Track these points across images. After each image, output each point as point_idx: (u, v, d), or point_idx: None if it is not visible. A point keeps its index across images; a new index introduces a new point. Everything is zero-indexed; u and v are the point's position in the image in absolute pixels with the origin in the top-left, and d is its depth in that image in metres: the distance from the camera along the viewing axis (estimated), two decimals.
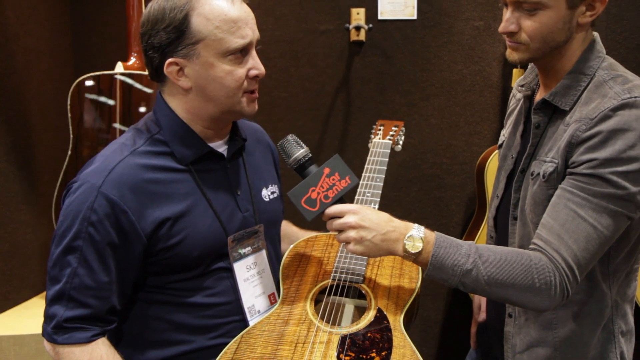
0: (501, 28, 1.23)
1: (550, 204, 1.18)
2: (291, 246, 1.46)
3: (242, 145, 1.37)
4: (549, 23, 1.18)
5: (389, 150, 1.57)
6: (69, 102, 2.03)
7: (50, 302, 1.19)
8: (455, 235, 2.60)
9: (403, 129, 1.68)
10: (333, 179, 1.20)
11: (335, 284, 1.35)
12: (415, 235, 1.18)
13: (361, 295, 1.35)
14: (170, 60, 1.20)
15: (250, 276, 1.33)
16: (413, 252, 1.17)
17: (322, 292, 1.35)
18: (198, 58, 1.19)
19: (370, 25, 2.45)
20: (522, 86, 1.40)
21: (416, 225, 1.21)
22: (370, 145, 1.62)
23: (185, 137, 1.26)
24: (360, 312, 1.33)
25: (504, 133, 1.48)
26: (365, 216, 1.19)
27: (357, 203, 1.40)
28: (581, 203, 1.13)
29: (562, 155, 1.18)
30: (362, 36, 2.46)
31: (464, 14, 2.49)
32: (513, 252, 1.19)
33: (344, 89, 2.56)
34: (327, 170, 1.20)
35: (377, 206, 1.41)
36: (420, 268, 1.33)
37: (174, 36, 1.18)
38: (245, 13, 1.21)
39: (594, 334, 1.26)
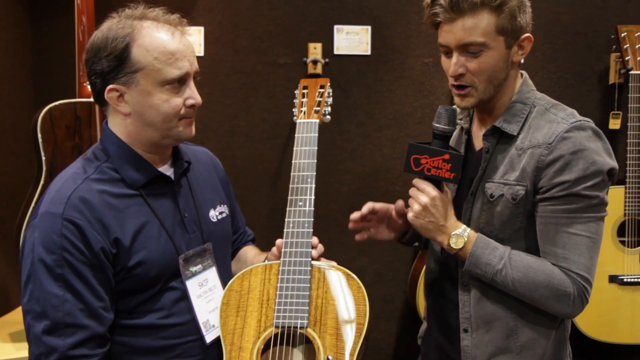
0: (452, 72, 1.31)
1: (541, 233, 1.33)
2: (225, 288, 1.38)
3: (187, 167, 1.41)
4: (492, 63, 1.29)
5: (317, 134, 1.49)
6: (39, 129, 1.98)
7: (42, 337, 1.18)
8: (407, 259, 2.72)
9: (329, 90, 1.57)
10: (444, 165, 1.31)
11: (279, 331, 1.30)
12: (460, 234, 1.33)
13: (308, 341, 1.29)
14: (110, 86, 1.25)
15: (202, 292, 1.37)
16: (454, 247, 1.33)
17: (267, 341, 1.30)
18: (137, 86, 1.24)
19: (327, 60, 2.58)
20: (460, 119, 1.51)
21: (464, 226, 1.35)
22: (294, 119, 1.53)
23: (133, 162, 1.30)
24: None
25: None
26: (436, 205, 1.33)
27: (289, 216, 1.42)
28: (568, 223, 1.30)
29: (531, 179, 1.31)
30: (319, 69, 2.57)
31: (414, 51, 2.64)
32: (539, 262, 1.33)
33: (293, 113, 2.65)
34: (447, 157, 1.31)
35: (312, 218, 1.39)
36: (367, 299, 1.35)
37: (114, 64, 1.24)
38: (184, 46, 1.27)
39: (550, 337, 1.39)
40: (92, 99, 2.02)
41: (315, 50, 2.58)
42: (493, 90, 1.33)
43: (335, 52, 2.62)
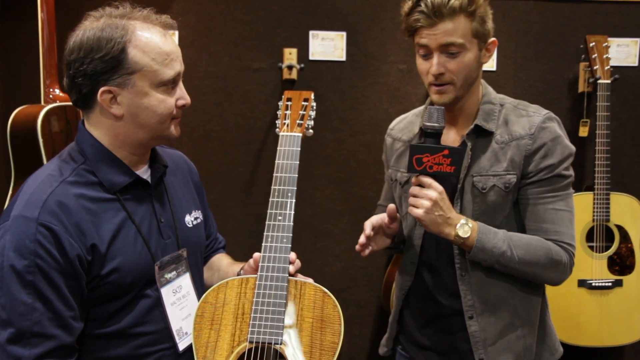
0: (434, 71, 1.42)
1: (530, 214, 1.49)
2: (200, 300, 1.35)
3: (164, 171, 1.40)
4: (468, 62, 1.43)
5: (299, 148, 1.49)
6: (40, 133, 1.96)
7: (7, 346, 1.14)
8: (380, 264, 2.73)
9: (313, 103, 1.60)
10: (444, 160, 1.38)
11: (253, 347, 1.28)
12: (465, 223, 1.42)
13: (282, 358, 1.28)
14: (104, 88, 1.22)
15: (176, 299, 1.35)
16: (463, 236, 1.41)
17: (240, 356, 1.29)
18: (133, 87, 1.23)
19: (302, 65, 2.58)
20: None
21: (464, 217, 1.45)
22: (277, 131, 1.55)
23: (112, 165, 1.28)
24: None
25: (402, 170, 1.62)
26: (444, 199, 1.41)
27: (268, 230, 1.40)
28: (554, 201, 1.47)
29: (520, 167, 1.47)
30: (294, 75, 2.58)
31: (389, 57, 2.67)
32: (535, 238, 1.47)
33: (276, 124, 2.65)
34: (446, 152, 1.38)
35: (290, 233, 1.37)
36: (342, 319, 1.33)
37: (110, 66, 1.21)
38: (175, 47, 1.29)
39: (539, 305, 1.55)
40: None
41: (290, 55, 2.58)
42: (467, 87, 1.47)
43: (311, 57, 2.63)
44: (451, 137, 1.53)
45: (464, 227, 1.41)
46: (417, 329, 1.61)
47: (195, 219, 1.46)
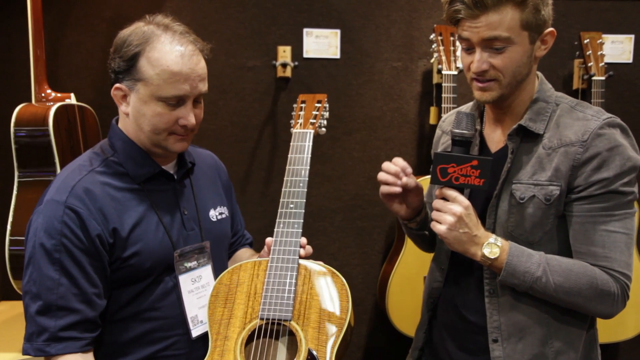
0: (475, 68, 1.28)
1: (577, 233, 1.30)
2: (215, 281, 1.43)
3: (191, 168, 1.48)
4: (516, 58, 1.26)
5: (311, 143, 1.58)
6: (52, 133, 1.99)
7: (35, 317, 1.25)
8: (376, 262, 2.73)
9: (326, 105, 1.67)
10: (472, 172, 1.27)
11: (264, 323, 1.34)
12: (493, 243, 1.28)
13: (291, 334, 1.33)
14: (117, 85, 1.34)
15: (194, 288, 1.42)
16: (490, 257, 1.28)
17: (251, 332, 1.35)
18: (137, 92, 1.32)
19: (296, 63, 2.58)
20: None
21: (494, 235, 1.31)
22: (291, 129, 1.63)
23: (138, 157, 1.37)
24: (291, 354, 1.33)
25: None
26: (470, 215, 1.28)
27: (280, 217, 1.45)
28: (607, 221, 1.28)
29: (566, 178, 1.28)
30: (288, 73, 2.57)
31: (383, 55, 2.66)
32: (578, 264, 1.29)
33: (271, 122, 2.65)
34: (475, 163, 1.27)
35: (302, 219, 1.44)
36: (350, 297, 1.38)
37: (123, 67, 1.32)
38: (190, 70, 1.30)
39: (582, 339, 1.36)
40: (72, 102, 2.11)
41: (284, 53, 2.57)
42: (515, 85, 1.31)
43: (305, 55, 2.62)
44: (497, 138, 1.39)
45: (492, 247, 1.27)
46: (442, 343, 1.49)
47: (220, 214, 1.53)
